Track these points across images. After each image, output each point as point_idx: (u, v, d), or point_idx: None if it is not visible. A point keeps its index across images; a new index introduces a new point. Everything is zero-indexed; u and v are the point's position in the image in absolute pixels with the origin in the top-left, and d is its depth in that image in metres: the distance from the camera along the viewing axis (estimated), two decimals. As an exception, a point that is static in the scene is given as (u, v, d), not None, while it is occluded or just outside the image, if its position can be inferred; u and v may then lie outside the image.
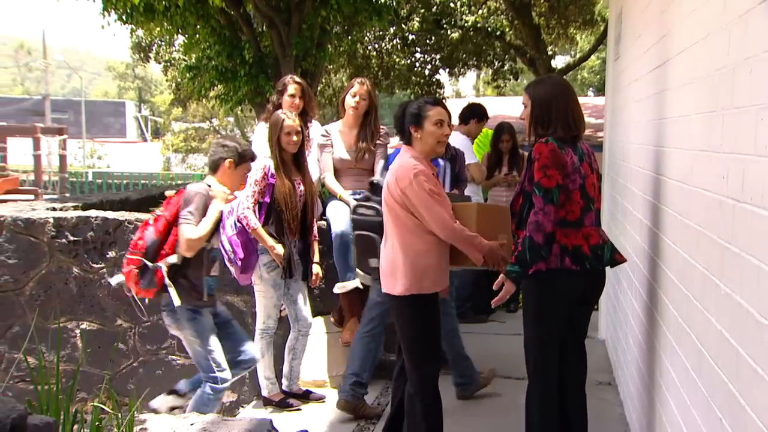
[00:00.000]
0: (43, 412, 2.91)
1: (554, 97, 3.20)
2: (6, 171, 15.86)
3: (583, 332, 3.40)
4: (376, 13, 10.69)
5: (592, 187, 3.19)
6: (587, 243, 3.13)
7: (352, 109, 4.86)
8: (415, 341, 3.48)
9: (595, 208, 3.20)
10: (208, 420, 2.73)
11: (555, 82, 3.35)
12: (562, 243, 3.10)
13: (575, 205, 3.12)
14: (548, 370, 3.27)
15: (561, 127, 3.16)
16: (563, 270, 3.09)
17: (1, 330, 5.11)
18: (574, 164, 3.11)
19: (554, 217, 3.05)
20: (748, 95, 1.94)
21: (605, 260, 3.18)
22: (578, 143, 3.22)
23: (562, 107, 3.18)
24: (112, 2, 9.62)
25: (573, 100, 3.24)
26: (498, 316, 6.84)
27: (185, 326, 3.93)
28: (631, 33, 4.84)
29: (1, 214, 5.11)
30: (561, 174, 3.07)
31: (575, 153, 3.15)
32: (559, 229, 3.10)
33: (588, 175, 3.18)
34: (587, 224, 3.15)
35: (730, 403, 2.01)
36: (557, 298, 3.16)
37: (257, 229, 4.26)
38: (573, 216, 3.12)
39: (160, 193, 7.15)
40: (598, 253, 3.15)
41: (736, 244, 2.00)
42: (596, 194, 3.24)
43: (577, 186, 3.12)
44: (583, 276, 3.13)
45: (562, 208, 3.10)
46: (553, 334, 3.22)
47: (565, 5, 16.49)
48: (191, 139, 36.87)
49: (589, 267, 3.12)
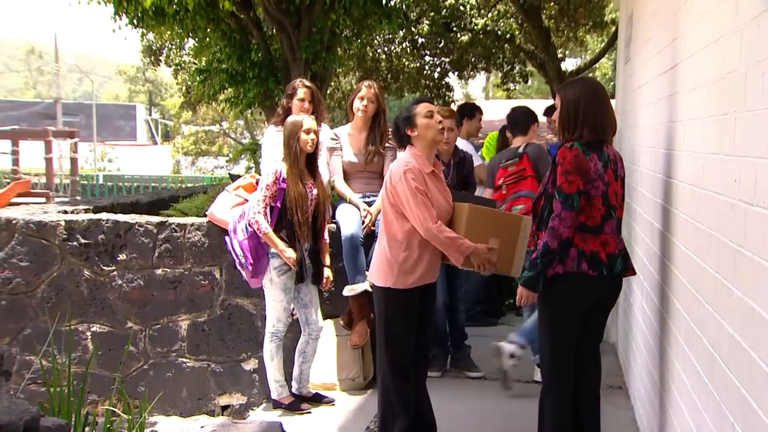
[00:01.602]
0: (55, 414, 2.93)
1: (582, 99, 3.16)
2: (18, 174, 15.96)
3: (598, 337, 3.42)
4: (386, 17, 10.69)
5: (614, 194, 3.18)
6: (604, 250, 3.13)
7: (360, 112, 4.89)
8: (390, 331, 3.63)
9: (616, 215, 3.19)
10: (219, 423, 2.74)
11: (586, 83, 3.29)
12: (580, 248, 3.11)
13: (596, 212, 3.12)
14: (563, 374, 3.28)
15: (588, 131, 3.13)
16: (580, 274, 3.11)
17: (12, 332, 5.13)
18: (597, 171, 3.10)
19: (572, 222, 3.06)
20: (760, 98, 1.93)
21: (616, 270, 3.18)
22: (605, 148, 3.18)
23: (590, 110, 3.14)
24: (123, 6, 9.66)
25: (603, 103, 3.20)
26: (508, 320, 6.82)
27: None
28: (641, 36, 4.83)
29: (13, 216, 5.14)
30: (583, 180, 3.07)
31: (600, 159, 3.13)
32: (578, 233, 3.11)
33: (611, 182, 3.16)
34: (607, 231, 3.15)
35: (743, 408, 2.00)
36: (573, 301, 3.18)
37: (268, 234, 4.27)
38: (593, 222, 3.12)
39: (171, 196, 7.18)
40: (612, 262, 3.15)
41: (749, 248, 1.99)
42: (618, 202, 3.22)
43: (600, 193, 3.11)
44: (600, 281, 3.14)
45: (583, 214, 3.10)
46: (568, 337, 3.23)
47: (575, 8, 16.45)
48: (201, 142, 36.98)
49: (606, 273, 3.13)
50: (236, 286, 4.95)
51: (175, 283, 5.02)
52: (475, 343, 5.45)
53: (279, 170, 4.33)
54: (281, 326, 4.48)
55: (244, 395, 5.02)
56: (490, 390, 4.84)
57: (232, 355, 5.03)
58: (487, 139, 7.32)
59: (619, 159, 3.27)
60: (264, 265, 4.36)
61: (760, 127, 1.91)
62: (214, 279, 5.00)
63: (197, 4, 9.22)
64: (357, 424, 4.30)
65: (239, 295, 4.98)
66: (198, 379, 5.06)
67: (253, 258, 4.32)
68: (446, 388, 4.89)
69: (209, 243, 4.97)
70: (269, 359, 4.50)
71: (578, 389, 3.32)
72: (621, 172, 3.26)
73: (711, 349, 2.39)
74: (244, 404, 5.02)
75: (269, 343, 4.48)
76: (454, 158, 5.11)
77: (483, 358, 5.30)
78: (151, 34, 13.49)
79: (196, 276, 5.00)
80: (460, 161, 5.12)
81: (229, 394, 5.04)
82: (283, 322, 4.47)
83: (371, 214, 4.79)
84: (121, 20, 10.18)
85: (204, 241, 4.97)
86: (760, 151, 1.91)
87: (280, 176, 4.32)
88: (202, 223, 5.00)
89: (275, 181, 4.31)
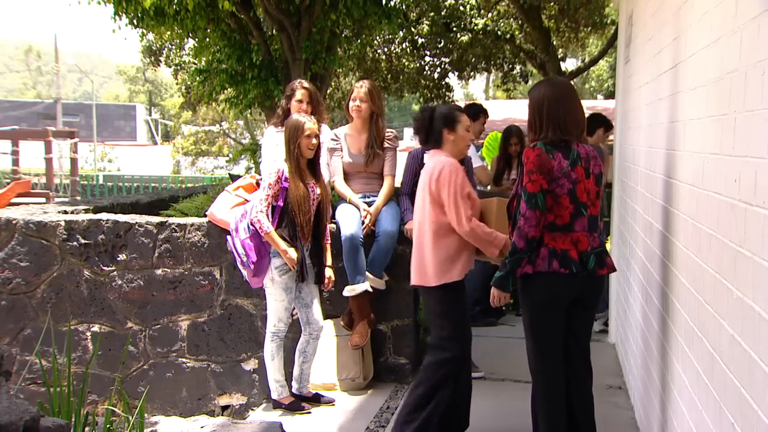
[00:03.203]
0: (55, 415, 2.93)
1: (545, 99, 3.19)
2: (18, 174, 15.97)
3: (585, 338, 3.38)
4: (386, 17, 10.69)
5: (585, 192, 3.18)
6: (576, 248, 3.15)
7: (354, 113, 4.91)
8: (445, 323, 3.76)
9: (588, 213, 3.19)
10: (219, 423, 2.74)
11: (551, 84, 3.31)
12: (550, 246, 3.14)
13: (564, 210, 3.13)
14: (550, 374, 3.28)
15: (552, 131, 3.16)
16: (551, 273, 3.13)
17: (12, 332, 5.14)
18: (562, 169, 3.11)
19: (537, 221, 3.09)
20: (760, 98, 1.93)
21: (589, 267, 3.17)
22: (574, 146, 3.19)
23: (553, 110, 3.17)
24: (123, 6, 9.66)
25: (567, 103, 3.20)
26: (507, 320, 6.83)
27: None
28: (641, 36, 4.83)
29: (13, 217, 5.14)
30: (546, 179, 3.10)
31: (566, 157, 3.14)
32: (548, 233, 3.14)
33: (581, 180, 3.16)
34: (578, 229, 3.15)
35: (743, 408, 2.00)
36: (548, 301, 3.20)
37: (270, 233, 4.27)
38: (562, 221, 3.14)
39: (171, 196, 7.18)
40: (584, 259, 3.16)
41: (748, 248, 1.99)
42: (591, 199, 3.21)
43: (566, 191, 3.12)
44: (573, 279, 3.14)
45: (551, 213, 3.13)
46: (550, 336, 3.24)
47: (575, 8, 16.44)
48: (201, 142, 37.00)
49: (576, 272, 3.13)
50: (236, 286, 4.96)
51: (175, 284, 5.03)
52: (475, 343, 5.45)
53: (281, 170, 4.33)
54: (282, 326, 4.48)
55: (244, 395, 5.02)
56: (490, 390, 4.84)
57: (232, 355, 5.03)
58: (487, 139, 7.33)
59: (592, 156, 3.25)
60: (265, 264, 4.36)
61: (760, 127, 1.91)
62: (214, 279, 5.00)
63: (197, 5, 9.21)
64: (357, 425, 4.30)
65: (239, 295, 4.98)
66: (198, 379, 5.06)
67: (255, 257, 4.32)
68: (446, 388, 4.90)
69: (209, 243, 4.97)
70: (270, 359, 4.50)
71: (569, 388, 3.31)
72: (595, 170, 3.24)
73: (711, 349, 2.39)
74: (244, 404, 5.02)
75: (270, 342, 4.48)
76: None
77: (483, 358, 5.30)
78: (151, 35, 13.46)
79: (196, 276, 5.00)
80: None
81: (229, 395, 5.05)
82: (284, 322, 4.47)
83: (371, 215, 4.80)
84: (120, 20, 10.17)
85: (204, 241, 4.98)
86: (759, 151, 1.91)
87: (282, 175, 4.32)
88: (202, 223, 5.01)
89: (278, 180, 4.31)
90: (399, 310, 5.00)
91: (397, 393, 4.80)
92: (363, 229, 4.77)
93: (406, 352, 5.01)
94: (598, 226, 3.26)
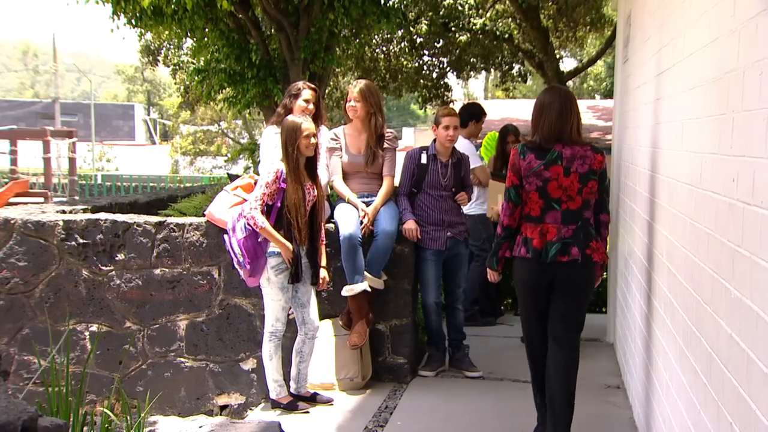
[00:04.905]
0: (53, 414, 2.93)
1: (538, 106, 3.60)
2: (16, 174, 15.96)
3: (566, 319, 3.63)
4: (384, 16, 10.68)
5: (559, 188, 3.52)
6: (543, 238, 3.54)
7: (350, 112, 4.93)
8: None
9: (563, 207, 3.53)
10: (217, 423, 2.74)
11: (547, 91, 3.71)
12: (524, 235, 3.62)
13: (534, 204, 3.57)
14: (529, 342, 3.78)
15: (535, 135, 3.60)
16: (520, 257, 3.62)
17: (11, 332, 5.13)
18: (531, 169, 3.53)
19: (511, 212, 3.62)
20: (758, 98, 1.93)
21: (549, 256, 3.52)
22: (556, 148, 3.52)
23: (539, 116, 3.58)
24: (122, 6, 9.64)
25: (555, 110, 3.53)
26: (506, 319, 6.83)
27: None
28: (640, 36, 4.83)
29: (12, 216, 5.14)
30: (517, 176, 3.59)
31: (540, 158, 3.52)
32: (524, 222, 3.63)
33: (554, 178, 3.51)
34: (548, 221, 3.55)
35: (740, 407, 2.00)
36: (522, 280, 3.69)
37: (265, 227, 4.25)
38: (534, 213, 3.58)
39: (169, 195, 7.18)
40: (547, 248, 3.53)
41: (746, 247, 1.99)
42: (569, 195, 3.53)
43: (534, 187, 3.54)
44: (538, 264, 3.54)
45: (526, 206, 3.60)
46: (528, 310, 3.74)
47: (573, 8, 16.44)
48: (200, 142, 36.97)
49: (534, 257, 3.54)
50: (234, 285, 4.95)
51: (174, 283, 5.02)
52: (473, 343, 5.46)
53: (280, 170, 4.32)
54: (280, 326, 4.48)
55: (243, 395, 5.02)
56: (488, 390, 4.85)
57: (231, 354, 5.03)
58: (485, 138, 7.32)
59: (579, 157, 3.53)
60: (262, 264, 4.36)
61: (758, 127, 1.91)
62: (213, 279, 5.00)
63: (195, 4, 9.20)
64: (355, 424, 4.30)
65: (238, 295, 4.98)
66: (196, 379, 5.06)
67: (251, 257, 4.31)
68: (445, 387, 4.90)
69: (208, 243, 4.97)
70: (268, 359, 4.50)
71: (550, 364, 3.65)
72: (581, 169, 3.53)
73: (709, 349, 2.39)
74: (242, 404, 5.02)
75: (268, 342, 4.48)
76: (452, 158, 5.11)
77: (481, 358, 5.31)
78: (149, 34, 13.46)
79: (195, 276, 5.00)
80: (457, 162, 5.13)
81: (227, 394, 5.04)
82: (281, 322, 4.47)
83: (369, 215, 4.80)
84: (119, 20, 10.16)
85: (202, 241, 4.97)
86: (757, 150, 1.91)
87: (281, 176, 4.31)
88: (201, 223, 5.00)
89: (275, 179, 4.30)
90: (397, 309, 5.00)
91: (396, 392, 4.80)
92: (361, 228, 4.77)
93: (405, 351, 5.01)
94: (581, 218, 3.55)
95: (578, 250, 3.53)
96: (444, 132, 4.99)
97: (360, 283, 4.71)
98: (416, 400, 4.68)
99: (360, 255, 4.73)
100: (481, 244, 6.39)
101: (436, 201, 5.04)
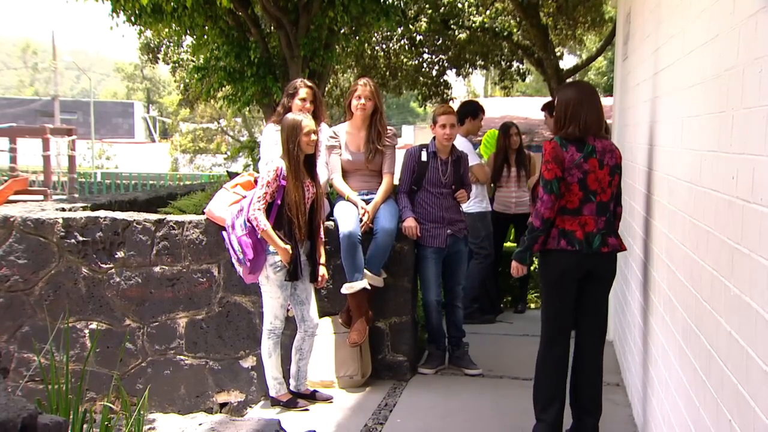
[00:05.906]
0: (53, 412, 2.93)
1: (572, 100, 3.58)
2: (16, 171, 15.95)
3: (598, 310, 3.74)
4: (384, 14, 10.67)
5: (596, 181, 3.55)
6: (583, 230, 3.55)
7: (358, 111, 4.90)
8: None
9: (598, 199, 3.57)
10: (217, 420, 2.74)
11: (576, 87, 3.75)
12: (560, 227, 3.57)
13: (574, 196, 3.55)
14: (556, 340, 3.68)
15: (573, 128, 3.56)
16: (559, 250, 3.57)
17: (10, 330, 5.13)
18: (574, 161, 3.52)
19: (552, 204, 3.52)
20: (757, 95, 1.93)
21: (594, 247, 3.55)
22: (590, 141, 3.56)
23: (577, 110, 3.56)
24: (121, 3, 9.63)
25: (589, 104, 3.58)
26: (505, 317, 6.84)
27: None
28: (639, 33, 4.83)
29: (11, 214, 5.13)
30: (560, 168, 3.52)
31: (580, 151, 3.53)
32: (560, 215, 3.58)
33: (592, 170, 3.54)
34: (586, 213, 3.56)
35: (739, 404, 2.00)
36: (558, 273, 3.63)
37: (267, 230, 4.26)
38: (572, 205, 3.56)
39: (169, 193, 7.18)
40: (590, 239, 3.56)
41: (746, 245, 1.99)
42: (602, 187, 3.58)
43: (576, 180, 3.53)
44: (579, 255, 3.55)
45: (563, 198, 3.55)
46: (560, 306, 3.67)
47: (573, 6, 16.42)
48: (199, 139, 36.96)
49: (579, 249, 3.54)
50: (234, 283, 4.95)
51: (173, 281, 5.02)
52: (473, 340, 5.46)
53: (280, 167, 4.32)
54: (278, 323, 4.48)
55: (242, 392, 5.02)
56: (488, 387, 4.85)
57: (230, 352, 5.03)
58: (485, 136, 7.31)
59: (608, 150, 3.61)
60: (261, 261, 4.36)
61: (758, 124, 1.91)
62: (212, 276, 5.00)
63: (195, 2, 9.19)
64: (355, 422, 4.30)
65: (237, 293, 4.98)
66: (196, 377, 5.06)
67: (252, 254, 4.31)
68: (444, 385, 4.91)
69: (207, 240, 4.97)
70: (267, 356, 4.50)
71: (577, 359, 3.73)
72: (610, 162, 3.59)
73: (708, 346, 2.39)
74: (242, 401, 5.02)
75: (267, 340, 4.48)
76: (452, 156, 5.11)
77: (481, 356, 5.31)
78: (149, 32, 13.46)
79: (194, 273, 5.00)
80: (456, 160, 5.13)
81: (227, 392, 5.05)
82: (280, 319, 4.47)
83: (369, 212, 4.80)
84: (118, 17, 10.16)
85: (202, 238, 4.97)
86: (757, 148, 1.91)
87: (281, 173, 4.31)
88: (200, 220, 5.00)
89: (276, 177, 4.30)
90: (397, 307, 5.00)
91: (395, 390, 4.81)
92: (361, 226, 4.77)
93: (405, 349, 5.02)
94: (609, 210, 3.62)
95: (615, 240, 3.64)
96: (441, 130, 5.00)
97: (360, 281, 4.71)
98: (416, 397, 4.68)
99: (360, 253, 4.73)
100: (480, 242, 6.39)
101: (436, 198, 5.04)
